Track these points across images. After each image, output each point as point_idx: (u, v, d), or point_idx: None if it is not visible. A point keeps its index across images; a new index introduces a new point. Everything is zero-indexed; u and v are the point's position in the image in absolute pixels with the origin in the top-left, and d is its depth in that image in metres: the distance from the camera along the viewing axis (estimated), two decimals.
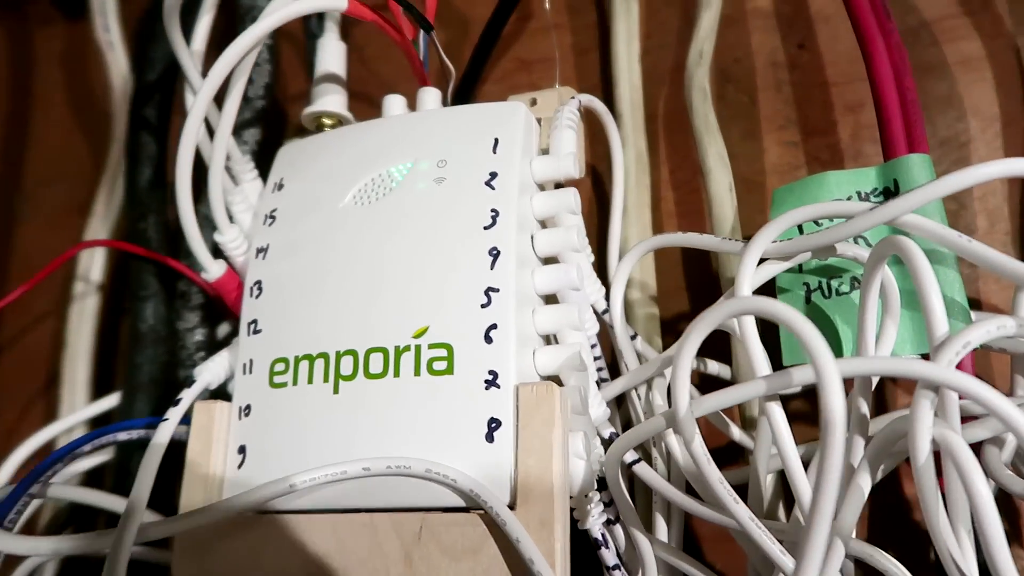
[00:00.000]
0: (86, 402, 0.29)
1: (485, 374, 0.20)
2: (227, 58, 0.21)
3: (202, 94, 0.21)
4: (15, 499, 0.18)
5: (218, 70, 0.21)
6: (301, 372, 0.21)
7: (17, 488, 0.19)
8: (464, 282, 0.21)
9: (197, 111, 0.21)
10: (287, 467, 0.21)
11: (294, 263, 0.23)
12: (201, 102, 0.21)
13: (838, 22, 0.28)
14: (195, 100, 0.21)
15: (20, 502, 0.19)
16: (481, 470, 0.19)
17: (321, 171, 0.24)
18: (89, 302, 0.31)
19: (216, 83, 0.21)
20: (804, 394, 0.24)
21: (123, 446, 0.26)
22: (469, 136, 0.23)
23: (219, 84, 0.21)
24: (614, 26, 0.29)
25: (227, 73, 0.21)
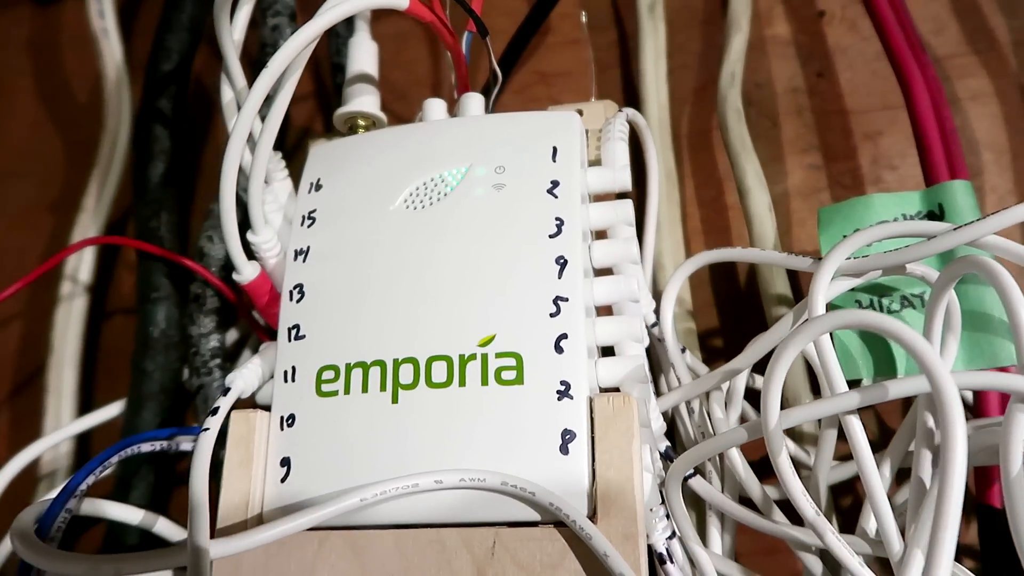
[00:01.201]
0: (73, 412, 0.27)
1: (557, 384, 0.19)
2: (286, 53, 0.20)
3: (256, 92, 0.20)
4: (54, 515, 0.17)
5: (274, 67, 0.20)
6: (354, 380, 0.20)
7: (55, 504, 0.17)
8: (532, 290, 0.20)
9: (250, 108, 0.20)
10: (339, 481, 0.20)
11: (340, 266, 0.22)
12: (255, 99, 0.20)
13: (854, 54, 0.30)
14: (249, 96, 0.20)
15: (60, 518, 0.17)
16: (556, 483, 0.18)
17: (366, 173, 0.23)
18: (77, 304, 0.28)
19: (270, 81, 0.20)
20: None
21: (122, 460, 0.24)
22: (526, 143, 0.22)
23: (273, 82, 0.20)
24: (641, 44, 0.29)
25: (283, 70, 0.20)
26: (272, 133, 0.21)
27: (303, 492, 0.20)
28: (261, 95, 0.20)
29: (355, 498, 0.18)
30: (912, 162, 0.28)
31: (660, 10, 0.30)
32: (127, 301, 0.32)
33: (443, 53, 0.33)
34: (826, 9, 0.31)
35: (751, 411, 0.23)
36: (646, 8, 0.30)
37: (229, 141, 0.20)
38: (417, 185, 0.22)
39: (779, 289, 0.24)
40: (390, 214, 0.22)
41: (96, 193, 0.29)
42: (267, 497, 0.20)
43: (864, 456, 0.18)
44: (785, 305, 0.24)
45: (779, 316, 0.24)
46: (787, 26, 0.31)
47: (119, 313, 0.31)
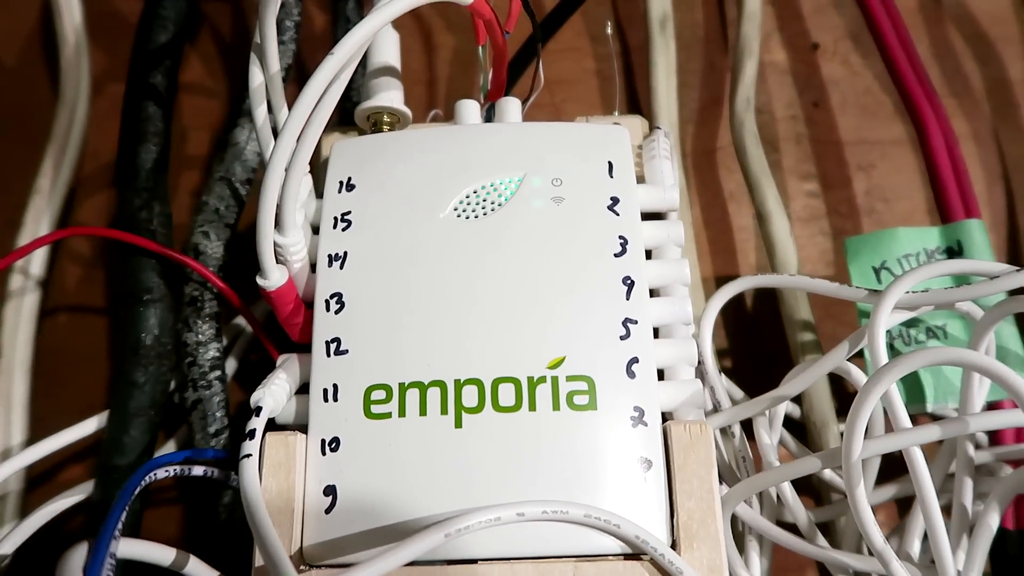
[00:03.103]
0: (25, 425, 0.23)
1: (631, 410, 0.19)
2: (355, 39, 0.18)
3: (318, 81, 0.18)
4: (101, 561, 0.14)
5: (341, 54, 0.18)
6: (410, 402, 0.19)
7: (100, 549, 0.14)
8: (600, 311, 0.20)
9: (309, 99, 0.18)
10: (393, 512, 0.18)
11: (384, 275, 0.20)
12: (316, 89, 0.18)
13: (845, 87, 0.31)
14: (308, 87, 0.18)
15: (108, 565, 0.14)
16: (634, 513, 0.18)
17: (406, 175, 0.21)
18: (28, 301, 0.25)
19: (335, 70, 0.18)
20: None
21: (103, 482, 0.21)
22: (581, 156, 0.22)
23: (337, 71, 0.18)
24: (653, 60, 0.29)
25: (346, 60, 0.18)
26: (322, 123, 0.19)
27: (352, 524, 0.18)
28: (322, 86, 0.18)
29: (439, 533, 0.16)
30: (903, 195, 0.29)
31: (671, 27, 0.30)
32: (71, 297, 0.28)
33: (438, 49, 0.32)
34: (820, 42, 0.32)
35: (787, 437, 0.23)
36: (657, 24, 0.29)
37: (282, 133, 0.18)
38: (467, 192, 0.21)
39: (803, 315, 0.25)
40: (440, 222, 0.21)
41: (51, 174, 0.26)
42: (308, 529, 0.18)
43: (926, 487, 0.19)
44: (808, 331, 0.25)
45: (804, 342, 0.25)
46: (784, 55, 0.31)
47: (62, 311, 0.28)
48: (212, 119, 0.30)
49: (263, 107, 0.21)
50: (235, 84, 0.31)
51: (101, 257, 0.29)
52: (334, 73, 0.18)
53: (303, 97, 0.18)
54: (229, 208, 0.24)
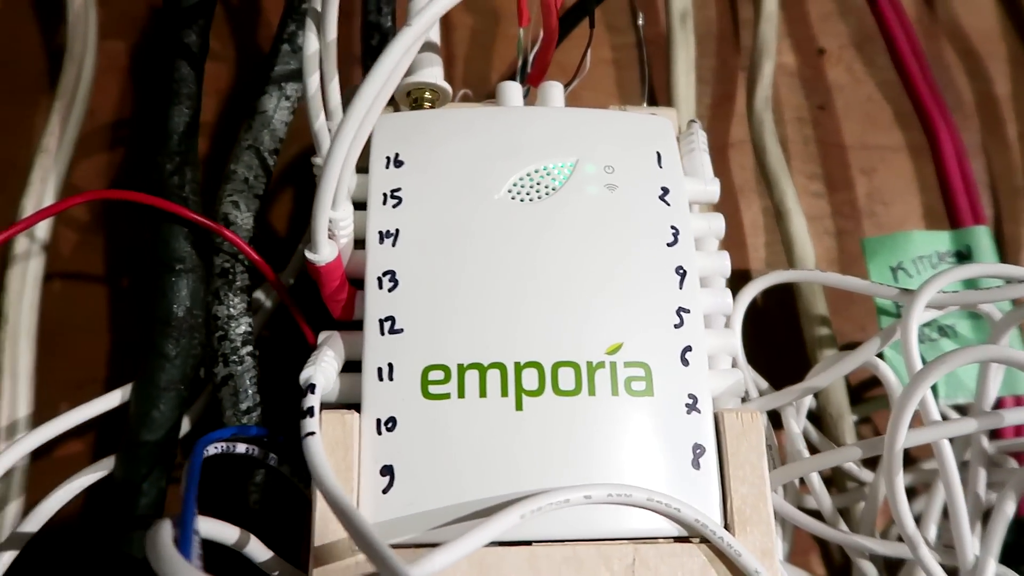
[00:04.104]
0: (29, 397, 0.22)
1: (685, 397, 0.19)
2: (432, 11, 0.18)
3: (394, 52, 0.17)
4: (189, 539, 0.13)
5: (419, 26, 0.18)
6: (469, 383, 0.19)
7: (186, 526, 0.14)
8: (656, 300, 0.20)
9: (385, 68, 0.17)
10: (452, 492, 0.18)
11: (439, 254, 0.20)
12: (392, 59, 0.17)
13: (849, 93, 0.32)
14: (385, 57, 0.17)
15: (196, 543, 0.14)
16: (689, 498, 0.18)
17: (457, 154, 0.21)
18: (33, 265, 0.23)
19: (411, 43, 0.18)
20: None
21: (129, 458, 0.20)
22: (631, 145, 0.22)
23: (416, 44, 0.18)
24: (673, 54, 0.29)
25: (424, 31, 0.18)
26: (388, 96, 0.19)
27: (410, 504, 0.18)
28: (398, 56, 0.18)
29: (515, 514, 0.17)
30: (901, 199, 0.31)
31: (691, 22, 0.30)
32: (67, 264, 0.26)
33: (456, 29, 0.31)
34: (826, 47, 0.33)
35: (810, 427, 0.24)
36: (678, 18, 0.30)
37: (354, 104, 0.17)
38: (521, 175, 0.21)
39: (819, 310, 0.26)
40: (494, 203, 0.21)
41: (58, 132, 0.24)
42: (364, 508, 0.18)
43: (952, 478, 0.20)
44: (824, 326, 0.26)
45: (820, 336, 0.26)
46: (792, 57, 0.32)
47: (57, 278, 0.26)
48: (220, 84, 0.29)
49: (316, 76, 0.20)
50: (249, 48, 0.30)
51: (99, 222, 0.27)
52: (411, 44, 0.18)
53: (378, 68, 0.18)
54: (258, 178, 0.23)
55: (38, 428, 0.19)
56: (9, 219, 0.27)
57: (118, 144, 0.28)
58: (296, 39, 0.24)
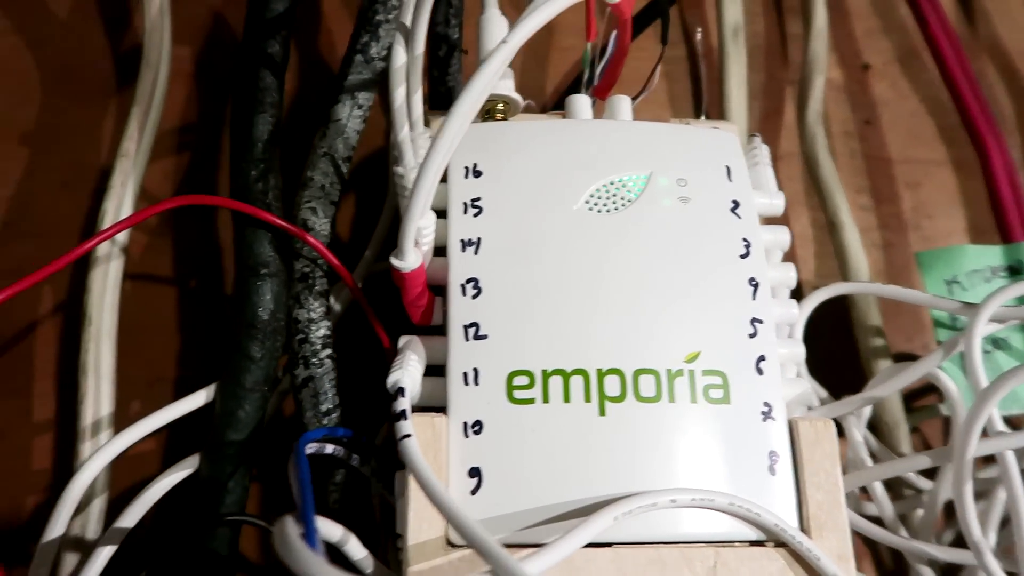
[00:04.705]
0: (112, 397, 0.23)
1: (761, 405, 0.20)
2: (526, 29, 0.18)
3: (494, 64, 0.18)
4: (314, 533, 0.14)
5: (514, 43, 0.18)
6: (553, 389, 0.19)
7: (309, 521, 0.14)
8: (731, 310, 0.20)
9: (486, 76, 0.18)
10: (538, 495, 0.19)
11: (520, 263, 0.20)
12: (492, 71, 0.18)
13: (894, 108, 0.33)
14: (484, 68, 0.18)
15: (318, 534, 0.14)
16: (766, 504, 0.19)
17: (533, 166, 0.22)
18: (113, 267, 0.24)
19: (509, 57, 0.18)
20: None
21: (215, 457, 0.21)
22: (702, 158, 0.22)
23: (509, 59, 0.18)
24: (726, 69, 0.30)
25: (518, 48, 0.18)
26: (478, 107, 0.19)
27: (497, 506, 0.18)
28: (497, 71, 0.18)
29: (609, 516, 0.17)
30: (946, 213, 0.31)
31: (743, 37, 0.31)
32: (137, 266, 0.27)
33: None
34: (871, 63, 0.33)
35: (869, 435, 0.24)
36: (730, 33, 0.31)
37: (451, 115, 0.18)
38: (597, 187, 0.22)
39: (874, 321, 0.26)
40: (573, 214, 0.21)
41: (136, 136, 0.25)
42: None
43: (1017, 487, 0.20)
44: (879, 336, 0.26)
45: (874, 346, 0.26)
46: (838, 72, 0.33)
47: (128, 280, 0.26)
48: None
49: (402, 88, 0.21)
50: (310, 58, 0.30)
51: (168, 225, 0.28)
52: (508, 59, 0.18)
53: (476, 81, 0.18)
54: (333, 185, 0.24)
55: (133, 426, 0.20)
56: (80, 218, 0.27)
57: (184, 149, 0.29)
58: (369, 50, 0.25)
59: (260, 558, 0.24)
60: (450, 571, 0.18)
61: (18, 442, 0.25)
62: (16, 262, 0.27)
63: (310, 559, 0.13)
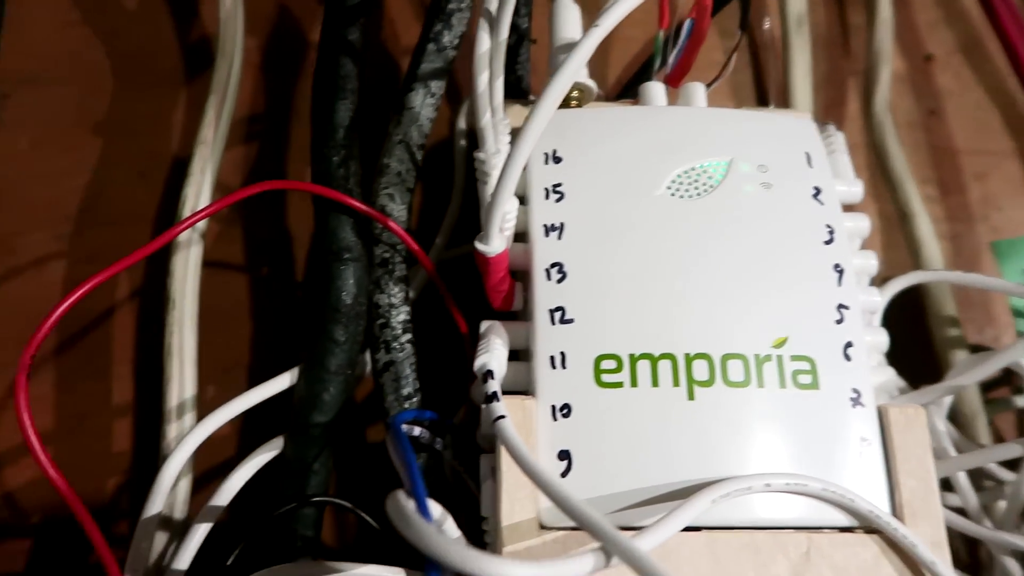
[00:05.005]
0: (195, 380, 0.23)
1: (850, 391, 0.20)
2: (620, 11, 0.18)
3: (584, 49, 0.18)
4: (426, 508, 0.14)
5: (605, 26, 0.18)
6: (641, 373, 0.19)
7: (420, 496, 0.14)
8: (817, 296, 0.20)
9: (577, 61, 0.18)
10: (627, 478, 0.19)
11: (604, 248, 0.21)
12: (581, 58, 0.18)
13: (959, 99, 0.32)
14: (574, 55, 0.18)
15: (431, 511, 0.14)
16: (857, 490, 0.19)
17: (614, 152, 0.22)
18: (194, 252, 0.24)
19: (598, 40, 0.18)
20: None
21: (300, 439, 0.21)
22: (781, 145, 0.22)
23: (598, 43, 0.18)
24: (791, 59, 0.30)
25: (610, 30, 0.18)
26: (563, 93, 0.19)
27: (587, 488, 0.18)
28: (587, 55, 0.18)
29: (706, 499, 0.17)
30: (1014, 204, 0.31)
31: (807, 28, 0.31)
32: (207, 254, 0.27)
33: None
34: (933, 54, 0.33)
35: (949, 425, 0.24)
36: (794, 22, 0.30)
37: (543, 100, 0.18)
38: (678, 173, 0.22)
39: (949, 311, 0.26)
40: (655, 199, 0.21)
41: (214, 124, 0.25)
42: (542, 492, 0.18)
43: None
44: (954, 326, 0.26)
45: (949, 336, 0.26)
46: (901, 63, 0.33)
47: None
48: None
49: (486, 74, 0.21)
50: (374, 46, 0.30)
51: (239, 212, 0.28)
52: (598, 43, 0.18)
53: (566, 67, 0.18)
54: (409, 172, 0.24)
55: (224, 406, 0.20)
56: (153, 206, 0.28)
57: (253, 139, 0.29)
58: (441, 38, 0.25)
59: (336, 539, 0.24)
60: (545, 553, 0.18)
61: (98, 425, 0.25)
62: (92, 249, 0.27)
63: (432, 533, 0.13)
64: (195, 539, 0.19)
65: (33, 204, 0.28)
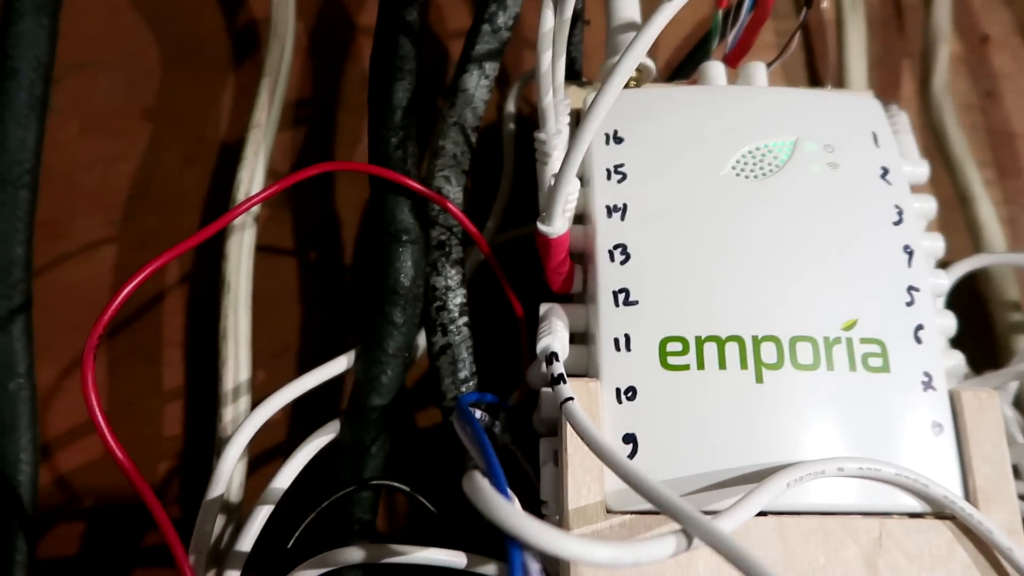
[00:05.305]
0: (250, 363, 0.23)
1: (921, 375, 0.19)
2: None
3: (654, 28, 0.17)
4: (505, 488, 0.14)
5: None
6: (708, 355, 0.19)
7: (498, 478, 0.14)
8: (887, 278, 0.20)
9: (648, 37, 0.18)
10: (695, 462, 0.18)
11: (668, 229, 0.20)
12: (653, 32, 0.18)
13: (1016, 79, 0.32)
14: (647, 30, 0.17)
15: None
16: (930, 475, 0.18)
17: (676, 132, 0.21)
18: (248, 235, 0.24)
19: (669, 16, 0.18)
20: None
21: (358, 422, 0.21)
22: (848, 125, 0.22)
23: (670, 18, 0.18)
24: (846, 40, 0.29)
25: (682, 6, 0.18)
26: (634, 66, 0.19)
27: (655, 471, 0.18)
28: (658, 30, 0.18)
29: (781, 482, 0.17)
30: None
31: (861, 6, 0.30)
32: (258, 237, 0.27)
33: None
34: (990, 34, 0.32)
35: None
36: (849, 2, 0.30)
37: (611, 78, 0.18)
38: (743, 152, 0.21)
39: (1012, 296, 0.25)
40: (720, 179, 0.21)
41: (267, 108, 0.25)
42: (609, 475, 0.18)
43: None
44: (1017, 312, 0.25)
45: (1013, 321, 0.25)
46: (956, 44, 0.32)
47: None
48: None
49: (548, 54, 0.21)
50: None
51: (287, 197, 0.28)
52: (670, 19, 0.18)
53: (637, 44, 0.18)
54: (464, 154, 0.23)
55: (281, 390, 0.20)
56: (202, 192, 0.28)
57: (302, 122, 0.29)
58: (496, 20, 0.25)
59: (388, 524, 0.24)
60: (612, 537, 0.18)
61: (149, 409, 0.25)
62: (143, 235, 0.27)
63: (517, 512, 0.13)
64: (257, 521, 0.19)
65: (83, 190, 0.28)
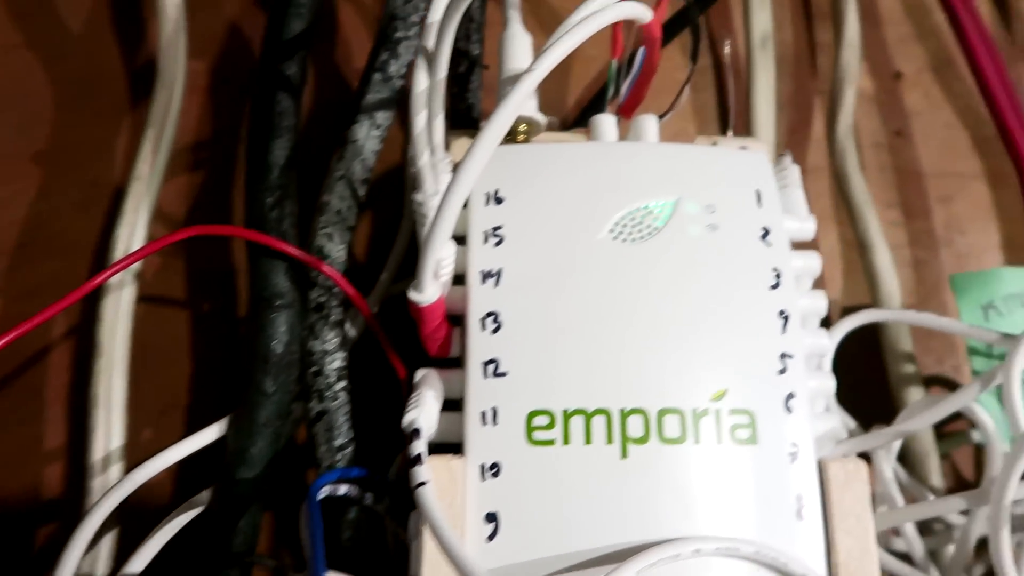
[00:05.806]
0: (123, 428, 0.22)
1: (789, 446, 0.19)
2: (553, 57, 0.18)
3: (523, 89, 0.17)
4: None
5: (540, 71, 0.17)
6: (574, 429, 0.19)
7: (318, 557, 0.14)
8: (759, 345, 0.20)
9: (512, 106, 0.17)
10: (557, 541, 0.18)
11: (542, 296, 0.20)
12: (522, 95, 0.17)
13: (927, 119, 0.32)
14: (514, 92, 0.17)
15: None
16: (794, 550, 0.18)
17: (557, 192, 0.21)
18: (126, 295, 0.23)
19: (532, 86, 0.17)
20: None
21: (226, 495, 0.20)
22: (729, 183, 0.22)
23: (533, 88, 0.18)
24: (753, 81, 0.29)
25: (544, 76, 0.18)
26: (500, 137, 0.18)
27: (515, 553, 0.18)
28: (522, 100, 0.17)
29: (631, 570, 0.17)
30: (978, 228, 0.30)
31: (771, 47, 0.30)
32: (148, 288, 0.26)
33: None
34: (903, 71, 0.32)
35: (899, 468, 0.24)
36: (759, 43, 0.30)
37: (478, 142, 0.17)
38: (622, 215, 0.21)
39: (905, 347, 0.25)
40: (597, 243, 0.20)
41: (150, 159, 0.24)
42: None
43: None
44: (910, 363, 0.25)
45: (906, 373, 0.25)
46: (869, 81, 0.32)
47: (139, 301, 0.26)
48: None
49: (424, 114, 0.20)
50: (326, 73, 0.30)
51: (181, 246, 0.27)
52: (533, 88, 0.18)
53: (502, 111, 0.17)
54: (350, 209, 0.23)
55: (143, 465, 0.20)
56: (96, 238, 0.27)
57: (200, 166, 0.28)
58: (388, 68, 0.24)
59: None
60: None
61: (29, 471, 0.24)
62: (34, 283, 0.27)
63: None
64: None
65: None
